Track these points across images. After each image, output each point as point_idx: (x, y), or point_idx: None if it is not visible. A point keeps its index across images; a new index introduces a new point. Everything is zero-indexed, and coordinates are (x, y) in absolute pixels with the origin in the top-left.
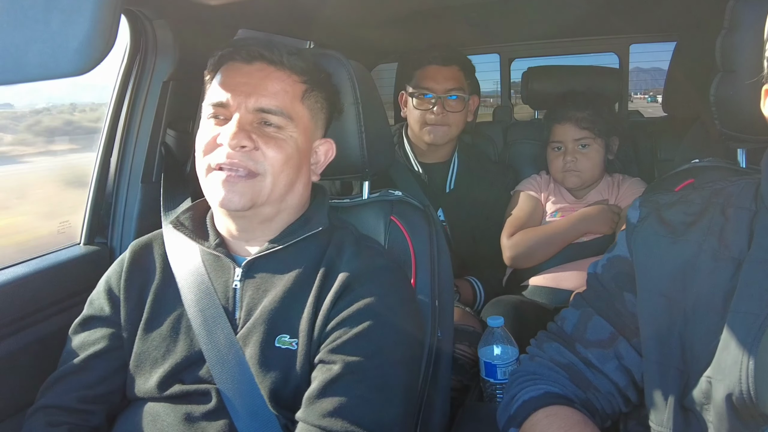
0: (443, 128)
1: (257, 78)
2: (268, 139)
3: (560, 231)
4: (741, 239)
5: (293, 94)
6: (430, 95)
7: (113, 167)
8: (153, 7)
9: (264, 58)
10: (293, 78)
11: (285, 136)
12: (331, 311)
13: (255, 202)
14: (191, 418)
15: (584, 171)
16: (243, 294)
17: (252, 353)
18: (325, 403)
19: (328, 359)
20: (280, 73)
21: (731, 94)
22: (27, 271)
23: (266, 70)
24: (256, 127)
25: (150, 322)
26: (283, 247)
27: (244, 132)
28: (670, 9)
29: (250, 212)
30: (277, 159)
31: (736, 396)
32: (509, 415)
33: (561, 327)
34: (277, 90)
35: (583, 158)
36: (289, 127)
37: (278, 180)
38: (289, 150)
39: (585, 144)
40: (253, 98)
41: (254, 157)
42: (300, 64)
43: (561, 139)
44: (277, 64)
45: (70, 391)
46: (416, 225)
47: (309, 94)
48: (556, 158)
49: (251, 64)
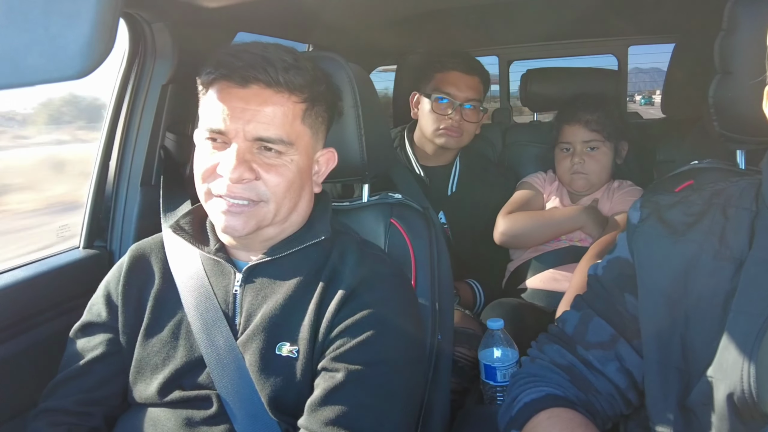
0: (456, 135)
1: (254, 104)
2: (269, 167)
3: (555, 219)
4: (742, 239)
5: (293, 117)
6: (447, 100)
7: (112, 170)
8: (152, 11)
9: (260, 80)
10: (293, 99)
11: (286, 161)
12: (335, 318)
13: (259, 226)
14: (192, 423)
15: (591, 173)
16: (243, 299)
17: (252, 360)
18: (327, 410)
19: (331, 367)
20: (278, 97)
21: (730, 95)
22: (27, 275)
23: (263, 95)
24: (256, 154)
25: (150, 328)
26: (285, 255)
27: (245, 164)
28: (669, 11)
29: (254, 234)
30: (280, 186)
31: (737, 396)
32: (510, 417)
33: (561, 329)
34: (276, 115)
35: (591, 160)
36: (290, 152)
37: (282, 205)
38: (290, 175)
39: (594, 146)
40: (252, 126)
41: (255, 187)
42: (298, 81)
43: (570, 140)
44: (274, 86)
45: (70, 395)
46: (416, 228)
47: (309, 112)
48: (563, 159)
49: (246, 87)
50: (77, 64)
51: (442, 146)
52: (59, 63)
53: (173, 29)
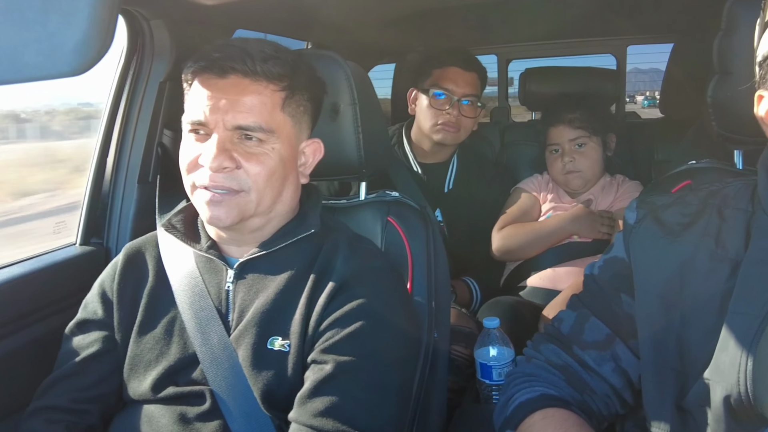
0: (454, 131)
1: (233, 93)
2: (250, 156)
3: (546, 231)
4: (738, 240)
5: (272, 105)
6: (445, 95)
7: (110, 167)
8: (150, 8)
9: (237, 70)
10: (270, 87)
11: (267, 149)
12: (325, 311)
13: (243, 216)
14: (186, 420)
15: (584, 170)
16: (235, 296)
17: (244, 355)
18: (317, 402)
19: (320, 359)
20: (256, 86)
21: (728, 95)
22: (23, 272)
23: (241, 84)
24: (237, 144)
25: (144, 325)
26: (276, 249)
27: (225, 153)
28: (668, 11)
29: (239, 225)
30: (261, 174)
31: (734, 397)
32: (505, 417)
33: (557, 328)
34: (255, 104)
35: (581, 157)
36: (270, 140)
37: (264, 194)
38: (272, 163)
39: (581, 143)
40: (230, 115)
41: (237, 176)
42: (276, 70)
43: (557, 141)
44: (251, 75)
45: (66, 393)
46: (413, 226)
47: (290, 101)
48: (554, 161)
49: (225, 78)
50: (75, 61)
51: (439, 142)
52: (57, 59)
53: (172, 26)
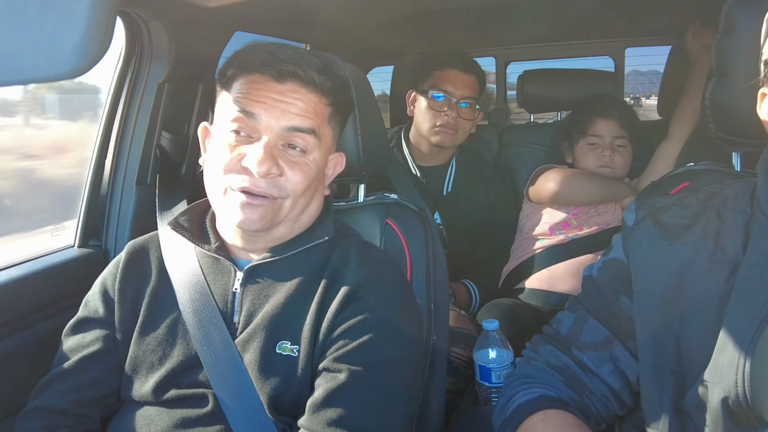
0: (452, 132)
1: (291, 98)
2: (294, 165)
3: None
4: (737, 242)
5: (323, 116)
6: (444, 97)
7: (108, 169)
8: (149, 9)
9: (297, 77)
10: (323, 100)
11: (308, 160)
12: (336, 318)
13: (273, 222)
14: (187, 422)
15: (618, 169)
16: (243, 299)
17: (252, 359)
18: (329, 411)
19: (333, 367)
20: (312, 95)
21: (726, 97)
22: (21, 274)
23: (299, 91)
24: (281, 151)
25: (145, 326)
26: (288, 255)
27: (272, 159)
28: (666, 13)
29: (266, 231)
30: (301, 184)
31: (732, 399)
32: (504, 418)
33: (556, 330)
34: (310, 111)
35: (619, 156)
36: (314, 151)
37: (297, 203)
38: (311, 174)
39: (621, 144)
40: (287, 117)
41: (279, 183)
42: (329, 85)
43: (601, 134)
44: (309, 84)
45: (64, 393)
46: (412, 228)
47: (334, 116)
48: (591, 151)
49: (283, 83)
50: (73, 62)
51: (438, 144)
52: (55, 61)
53: (170, 28)
